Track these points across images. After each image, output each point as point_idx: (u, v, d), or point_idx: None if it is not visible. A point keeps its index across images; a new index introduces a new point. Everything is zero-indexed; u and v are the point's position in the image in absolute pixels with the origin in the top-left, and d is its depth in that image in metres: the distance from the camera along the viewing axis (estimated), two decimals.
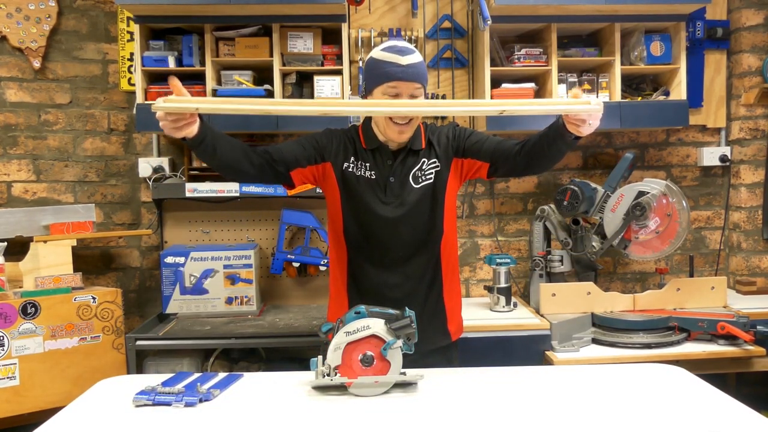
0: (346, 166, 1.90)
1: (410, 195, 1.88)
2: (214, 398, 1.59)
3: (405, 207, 1.88)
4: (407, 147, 1.90)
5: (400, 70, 1.77)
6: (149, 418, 1.47)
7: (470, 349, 2.50)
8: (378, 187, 1.89)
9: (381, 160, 1.90)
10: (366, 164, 1.90)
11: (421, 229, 1.91)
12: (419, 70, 1.80)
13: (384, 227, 1.89)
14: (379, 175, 1.89)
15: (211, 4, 2.60)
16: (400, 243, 1.90)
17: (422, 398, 1.56)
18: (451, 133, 1.94)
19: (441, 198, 1.92)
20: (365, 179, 1.89)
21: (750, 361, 2.47)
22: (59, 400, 2.20)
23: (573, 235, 2.82)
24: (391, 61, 1.77)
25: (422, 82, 1.81)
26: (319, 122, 2.73)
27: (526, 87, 2.86)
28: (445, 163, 1.91)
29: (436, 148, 1.92)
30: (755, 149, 3.12)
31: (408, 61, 1.77)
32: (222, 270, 2.78)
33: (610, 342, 2.50)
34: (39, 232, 2.74)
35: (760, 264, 3.14)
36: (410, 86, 1.78)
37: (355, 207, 1.90)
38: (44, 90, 3.01)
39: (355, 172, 1.89)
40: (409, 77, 1.77)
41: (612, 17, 2.78)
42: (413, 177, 1.89)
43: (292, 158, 1.86)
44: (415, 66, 1.79)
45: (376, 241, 1.91)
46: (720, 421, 1.40)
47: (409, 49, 1.80)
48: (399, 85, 1.77)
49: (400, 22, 3.06)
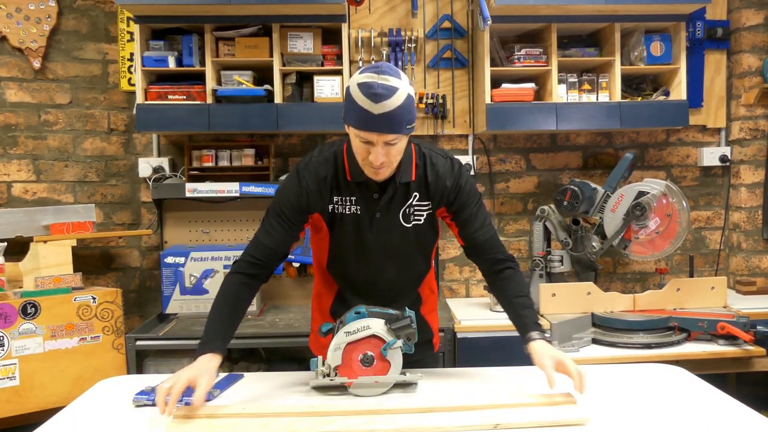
0: (332, 207, 1.72)
1: (397, 235, 1.74)
2: (214, 398, 1.59)
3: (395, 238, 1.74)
4: (394, 180, 1.70)
5: (371, 121, 1.53)
6: (149, 418, 1.47)
7: (470, 349, 2.50)
8: (364, 223, 1.73)
9: (367, 193, 1.71)
10: (351, 198, 1.71)
11: (409, 269, 1.81)
12: (394, 120, 1.53)
13: (369, 265, 1.76)
14: (365, 209, 1.71)
15: (211, 4, 2.61)
16: (385, 280, 1.78)
17: (422, 398, 1.56)
18: (452, 184, 1.72)
19: (431, 239, 1.81)
20: (351, 216, 1.72)
21: (750, 361, 2.47)
22: (59, 400, 2.19)
23: (573, 235, 2.82)
24: (363, 107, 1.52)
25: (398, 131, 1.55)
26: (319, 122, 2.76)
27: (526, 87, 2.86)
28: (436, 206, 1.75)
29: (431, 188, 1.73)
30: (755, 149, 3.12)
31: (381, 110, 1.51)
32: (222, 270, 2.78)
33: (610, 342, 2.50)
34: (39, 232, 2.74)
35: (760, 264, 3.14)
36: (383, 138, 1.55)
37: (340, 245, 1.76)
38: (44, 90, 3.01)
39: (342, 210, 1.72)
40: (381, 129, 1.53)
41: (612, 17, 2.78)
42: (403, 215, 1.73)
43: (281, 248, 1.73)
44: (388, 116, 1.52)
45: (362, 278, 1.79)
46: (720, 421, 1.40)
47: (389, 91, 1.52)
48: (369, 135, 1.55)
49: (400, 22, 3.06)
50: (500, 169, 3.19)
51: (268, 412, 1.46)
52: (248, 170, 2.98)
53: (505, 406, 1.48)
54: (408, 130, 1.60)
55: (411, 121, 1.60)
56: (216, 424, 1.41)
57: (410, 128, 1.61)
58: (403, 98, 1.55)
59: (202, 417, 1.44)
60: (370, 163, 1.60)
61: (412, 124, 1.61)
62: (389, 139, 1.56)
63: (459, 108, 3.10)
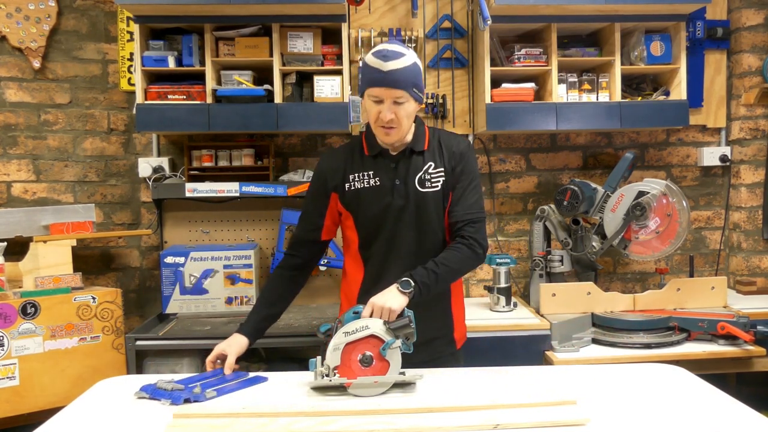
0: (348, 186, 1.89)
1: (417, 196, 1.86)
2: (207, 400, 1.58)
3: (413, 204, 1.86)
4: (408, 148, 1.88)
5: (380, 76, 1.73)
6: (149, 418, 1.47)
7: (470, 349, 2.48)
8: (385, 191, 1.87)
9: (383, 164, 1.89)
10: (369, 173, 1.88)
11: (429, 230, 1.89)
12: (402, 77, 1.74)
13: (395, 221, 1.87)
14: (384, 179, 1.87)
15: (211, 4, 2.60)
16: (410, 237, 1.88)
17: (422, 398, 1.56)
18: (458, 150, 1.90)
19: (445, 206, 1.90)
20: (370, 189, 1.88)
21: (750, 361, 2.47)
22: (59, 400, 2.19)
23: (573, 235, 2.82)
24: (374, 66, 1.74)
25: (405, 88, 1.75)
26: (319, 122, 2.75)
27: (526, 87, 2.85)
28: (449, 173, 1.88)
29: (445, 156, 1.89)
30: (755, 149, 3.12)
31: (390, 67, 1.72)
32: (222, 270, 2.78)
33: (610, 342, 2.50)
34: (39, 232, 2.74)
35: (760, 264, 3.14)
36: (390, 93, 1.75)
37: (366, 219, 1.90)
38: (44, 90, 3.01)
39: (359, 186, 1.88)
40: (389, 84, 1.73)
41: (612, 17, 2.78)
42: (419, 181, 1.87)
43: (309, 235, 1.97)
44: (397, 72, 1.73)
45: (387, 236, 1.88)
46: (720, 421, 1.40)
47: (396, 54, 1.74)
48: (379, 92, 1.75)
49: (400, 22, 3.06)
50: (500, 169, 3.19)
51: (268, 412, 1.46)
52: (248, 170, 2.98)
53: (505, 406, 1.48)
54: (415, 94, 1.78)
55: (418, 87, 1.80)
56: (215, 423, 1.41)
57: (417, 94, 1.80)
58: (410, 62, 1.76)
59: (201, 416, 1.44)
60: (380, 121, 1.77)
61: (420, 90, 1.81)
62: (397, 96, 1.74)
63: (459, 108, 3.10)
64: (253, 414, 1.45)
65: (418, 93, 1.80)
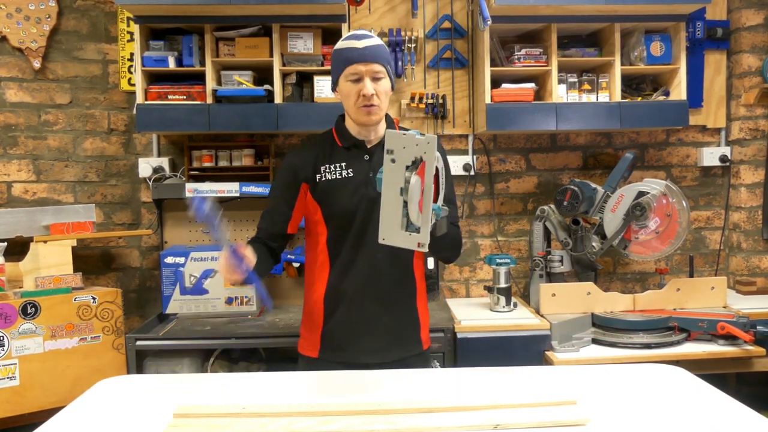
0: (319, 177, 1.89)
1: None
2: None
3: None
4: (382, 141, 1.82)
5: (357, 53, 1.77)
6: (149, 418, 1.47)
7: (470, 349, 2.50)
8: (358, 182, 1.86)
9: (357, 156, 1.89)
10: (341, 164, 1.89)
11: None
12: (378, 51, 1.80)
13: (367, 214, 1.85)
14: (358, 171, 1.88)
15: (211, 4, 2.61)
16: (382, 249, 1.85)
17: (422, 398, 1.56)
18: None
19: None
20: (343, 180, 1.87)
21: (750, 361, 2.48)
22: (59, 400, 2.20)
23: (573, 235, 2.82)
24: (349, 47, 1.79)
25: (382, 62, 1.80)
26: (319, 122, 2.75)
27: (526, 87, 2.86)
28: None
29: None
30: (755, 149, 3.12)
31: (365, 44, 1.78)
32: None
33: (610, 342, 2.50)
34: (39, 232, 2.74)
35: (760, 264, 3.14)
36: (370, 68, 1.78)
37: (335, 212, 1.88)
38: (44, 90, 3.01)
39: (331, 177, 1.88)
40: (367, 58, 1.77)
41: (612, 17, 2.79)
42: None
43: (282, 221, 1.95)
44: (372, 48, 1.79)
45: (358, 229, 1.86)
46: (720, 421, 1.40)
47: (367, 35, 1.82)
48: (358, 68, 1.78)
49: (400, 22, 3.06)
50: (500, 169, 3.19)
51: (268, 412, 1.46)
52: (248, 170, 2.98)
53: (505, 406, 1.47)
54: (390, 70, 1.84)
55: (392, 65, 1.88)
56: (215, 423, 1.41)
57: (391, 70, 1.85)
58: (381, 42, 1.83)
59: (201, 416, 1.44)
60: (363, 98, 1.78)
61: (393, 68, 1.88)
62: (376, 70, 1.78)
63: (459, 108, 3.10)
64: (253, 414, 1.45)
65: (393, 71, 1.87)
